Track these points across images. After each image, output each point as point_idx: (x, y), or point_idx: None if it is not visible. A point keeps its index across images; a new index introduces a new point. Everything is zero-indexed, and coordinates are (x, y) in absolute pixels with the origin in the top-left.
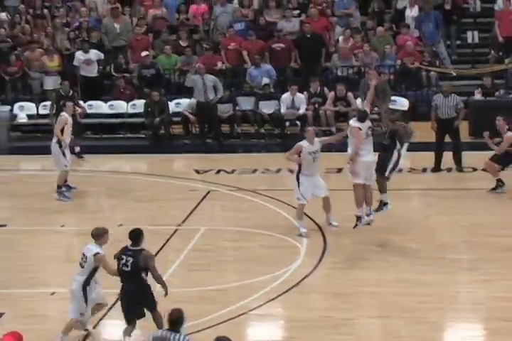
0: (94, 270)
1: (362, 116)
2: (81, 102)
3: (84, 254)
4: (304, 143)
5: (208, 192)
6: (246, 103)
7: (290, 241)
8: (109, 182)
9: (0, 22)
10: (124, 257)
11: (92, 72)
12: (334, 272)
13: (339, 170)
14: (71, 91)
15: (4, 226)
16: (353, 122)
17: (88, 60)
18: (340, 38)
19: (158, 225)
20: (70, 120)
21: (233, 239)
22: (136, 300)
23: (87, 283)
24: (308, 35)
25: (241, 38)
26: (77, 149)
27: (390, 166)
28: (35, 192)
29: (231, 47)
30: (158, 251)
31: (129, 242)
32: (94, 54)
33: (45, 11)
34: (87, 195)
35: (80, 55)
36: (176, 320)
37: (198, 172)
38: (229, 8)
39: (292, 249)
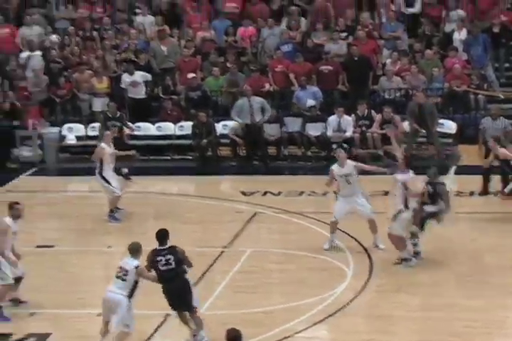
0: (136, 282)
1: (407, 163)
2: (129, 123)
3: (122, 268)
4: (334, 167)
5: (254, 214)
6: (293, 124)
7: (336, 263)
8: (156, 203)
9: (51, 44)
10: (161, 258)
11: (139, 93)
12: (380, 295)
13: (385, 193)
14: (118, 113)
15: (52, 247)
16: (402, 175)
17: (134, 82)
18: (388, 61)
19: (205, 247)
20: (108, 150)
21: (279, 261)
22: (180, 297)
23: (131, 295)
24: (356, 58)
25: (288, 60)
26: (125, 171)
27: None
28: (84, 214)
29: (278, 69)
30: (204, 273)
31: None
32: (140, 76)
33: (95, 33)
34: (134, 217)
35: (125, 77)
36: (234, 338)
37: (244, 194)
38: (276, 31)
39: (338, 272)
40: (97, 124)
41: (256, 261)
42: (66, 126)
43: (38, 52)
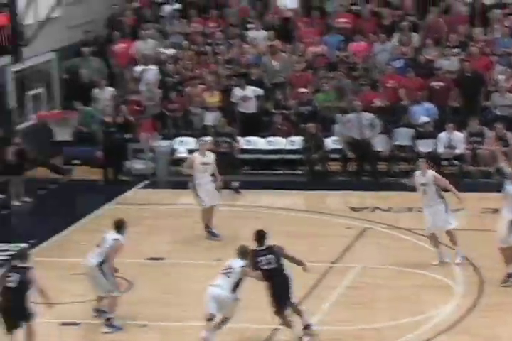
0: (240, 281)
1: None
2: (239, 138)
3: (230, 266)
4: (417, 173)
5: (364, 230)
6: (403, 136)
7: (444, 280)
8: (265, 217)
9: (166, 58)
10: (261, 258)
11: (250, 108)
12: (490, 314)
13: (495, 211)
14: (228, 128)
15: (162, 259)
16: None
17: (245, 97)
18: (501, 77)
19: (313, 262)
20: (199, 159)
21: (388, 277)
22: (283, 295)
23: (234, 291)
24: (469, 74)
25: (400, 75)
26: (236, 184)
27: None
28: (194, 227)
29: (389, 84)
30: (313, 288)
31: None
32: (251, 90)
33: (207, 47)
34: (242, 230)
35: (237, 92)
36: None
37: (353, 209)
38: (388, 46)
39: (446, 289)
40: (208, 138)
41: (364, 276)
42: (178, 139)
43: (153, 67)
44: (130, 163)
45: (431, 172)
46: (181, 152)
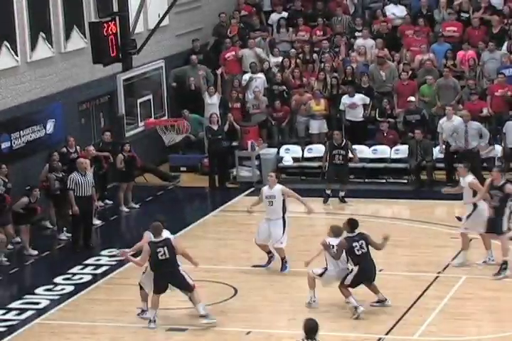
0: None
1: None
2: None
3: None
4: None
5: (470, 240)
6: None
7: None
8: (370, 226)
9: (273, 66)
10: (356, 244)
11: (357, 116)
12: None
13: None
14: (344, 141)
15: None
16: None
17: (353, 104)
18: None
19: (418, 271)
20: (266, 192)
21: (494, 288)
22: (371, 275)
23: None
24: None
25: (510, 84)
26: (342, 193)
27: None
28: (300, 234)
29: (498, 93)
30: (418, 298)
31: None
32: (359, 98)
33: (314, 55)
34: None
35: (345, 99)
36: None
37: (459, 219)
38: (497, 55)
39: None
40: (313, 146)
41: (470, 287)
42: (284, 147)
43: (260, 75)
44: (236, 171)
45: (469, 178)
46: (286, 160)
